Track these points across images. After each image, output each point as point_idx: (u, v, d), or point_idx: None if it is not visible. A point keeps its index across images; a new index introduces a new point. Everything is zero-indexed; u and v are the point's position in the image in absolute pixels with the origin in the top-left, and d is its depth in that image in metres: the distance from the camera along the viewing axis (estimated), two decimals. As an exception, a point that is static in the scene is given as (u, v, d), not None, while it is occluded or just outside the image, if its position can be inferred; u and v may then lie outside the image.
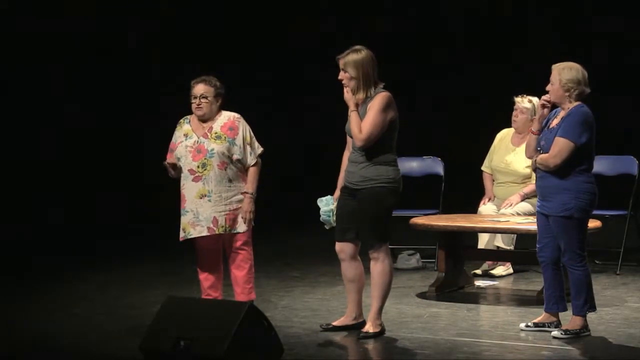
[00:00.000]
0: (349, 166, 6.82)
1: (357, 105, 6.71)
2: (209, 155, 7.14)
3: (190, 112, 7.27)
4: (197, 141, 7.17)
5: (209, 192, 7.15)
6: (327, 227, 7.04)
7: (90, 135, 12.33)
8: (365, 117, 6.66)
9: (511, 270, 9.07)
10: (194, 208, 7.16)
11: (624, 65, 12.53)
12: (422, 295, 8.21)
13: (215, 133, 7.19)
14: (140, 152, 12.36)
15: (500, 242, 8.84)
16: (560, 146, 6.61)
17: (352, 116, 6.70)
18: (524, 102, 8.88)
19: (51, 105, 12.00)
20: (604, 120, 7.21)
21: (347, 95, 6.75)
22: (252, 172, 7.24)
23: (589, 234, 6.94)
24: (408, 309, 7.72)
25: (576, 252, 6.68)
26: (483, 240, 8.94)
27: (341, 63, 6.75)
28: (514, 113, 8.96)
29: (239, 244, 7.23)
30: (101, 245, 10.78)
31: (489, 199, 9.02)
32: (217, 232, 7.15)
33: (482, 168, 9.22)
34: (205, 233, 7.16)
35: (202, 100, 7.18)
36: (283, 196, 11.65)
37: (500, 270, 9.01)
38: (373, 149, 6.70)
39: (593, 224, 7.91)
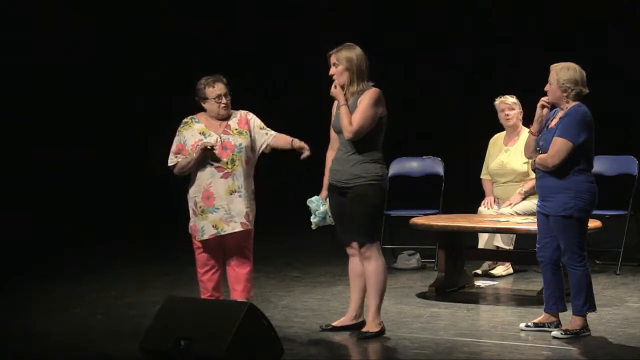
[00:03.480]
0: (336, 164, 6.82)
1: (346, 99, 6.73)
2: (237, 150, 7.11)
3: (193, 113, 7.26)
4: (220, 138, 7.13)
5: (239, 187, 7.11)
6: (313, 228, 7.04)
7: (91, 135, 12.33)
8: (356, 110, 6.67)
9: (511, 270, 9.07)
10: (224, 204, 7.10)
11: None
12: (422, 295, 8.21)
13: (236, 129, 7.17)
14: (140, 153, 12.37)
15: (499, 241, 8.85)
16: (559, 146, 6.62)
17: (343, 110, 6.70)
18: (509, 98, 8.93)
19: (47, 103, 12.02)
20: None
21: (336, 90, 6.77)
22: (281, 134, 7.26)
23: (589, 234, 6.94)
24: (408, 309, 7.72)
25: (576, 252, 6.69)
26: (483, 240, 8.94)
27: (334, 58, 6.77)
28: (503, 114, 8.96)
29: (248, 240, 7.23)
30: (101, 246, 10.77)
31: (490, 203, 8.99)
32: (249, 227, 7.16)
33: (481, 176, 9.22)
34: (238, 229, 7.12)
35: (226, 98, 7.16)
36: (283, 195, 11.65)
37: (500, 270, 9.01)
38: (361, 147, 6.70)
39: (593, 224, 7.91)
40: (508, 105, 8.94)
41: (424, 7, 13.32)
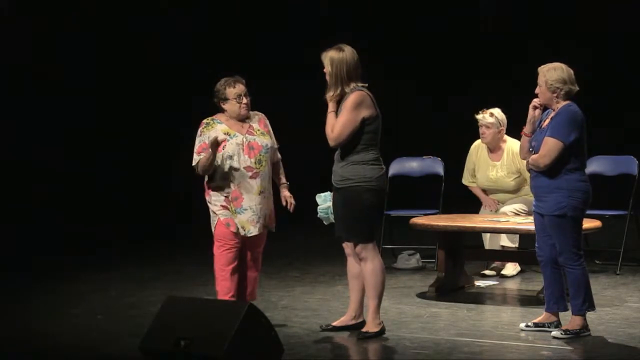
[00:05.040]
0: (334, 165, 6.84)
1: (337, 105, 6.73)
2: (264, 151, 7.06)
3: (211, 114, 7.14)
4: (245, 138, 7.06)
5: (265, 188, 7.08)
6: (325, 223, 7.04)
7: (90, 135, 12.34)
8: (338, 117, 6.69)
9: (519, 268, 9.05)
10: (252, 205, 7.03)
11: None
12: (422, 295, 8.22)
13: (259, 130, 7.12)
14: (141, 153, 12.37)
15: (505, 240, 8.82)
16: (549, 146, 6.64)
17: (329, 117, 6.72)
18: (487, 118, 8.91)
19: (48, 103, 12.01)
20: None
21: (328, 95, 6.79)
22: (281, 164, 7.24)
23: (589, 234, 6.93)
24: (408, 309, 7.72)
25: (572, 251, 6.69)
26: (487, 241, 8.93)
27: (322, 58, 6.79)
28: (480, 130, 8.98)
29: (262, 245, 7.19)
30: (101, 245, 10.78)
31: (491, 206, 8.98)
32: (272, 229, 7.14)
33: (464, 182, 9.20)
34: (262, 230, 7.09)
35: (246, 98, 7.08)
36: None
37: (510, 269, 8.98)
38: (351, 148, 6.70)
39: (593, 224, 7.91)
40: (485, 124, 8.94)
41: (422, 9, 13.37)
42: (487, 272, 9.00)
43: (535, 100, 6.79)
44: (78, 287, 8.74)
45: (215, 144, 6.90)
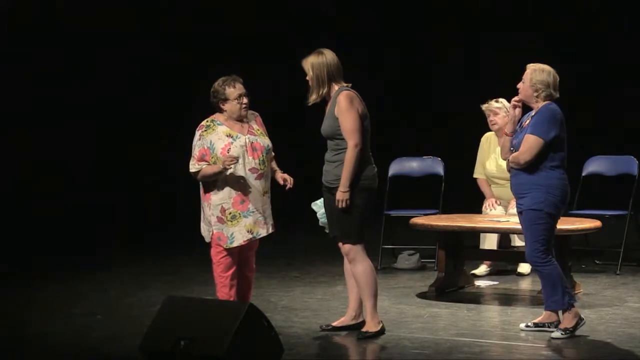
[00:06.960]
0: (325, 165, 6.83)
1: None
2: (266, 151, 6.97)
3: (207, 116, 7.04)
4: (248, 139, 6.95)
5: (269, 188, 7.02)
6: (327, 231, 7.01)
7: (90, 134, 12.35)
8: (343, 124, 6.66)
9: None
10: (259, 207, 6.95)
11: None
12: (422, 295, 8.21)
13: (258, 130, 7.03)
14: (140, 153, 12.38)
15: (518, 241, 8.79)
16: (530, 143, 6.67)
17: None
18: (493, 104, 8.90)
19: (48, 102, 12.03)
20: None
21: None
22: (274, 160, 7.16)
23: (589, 234, 6.92)
24: (408, 309, 7.73)
25: (540, 250, 6.68)
26: (491, 242, 8.88)
27: (302, 65, 6.82)
28: (489, 119, 8.96)
29: (257, 246, 7.14)
30: (101, 246, 10.78)
31: (492, 204, 8.97)
32: (273, 230, 7.05)
33: (475, 175, 9.20)
34: (271, 230, 7.04)
35: (246, 98, 6.97)
36: (282, 194, 11.64)
37: (526, 267, 8.90)
38: (343, 148, 6.69)
39: (593, 224, 7.92)
40: (492, 110, 8.92)
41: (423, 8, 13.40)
42: (476, 271, 8.98)
43: (514, 98, 6.84)
44: (78, 287, 8.74)
45: (229, 164, 6.83)
